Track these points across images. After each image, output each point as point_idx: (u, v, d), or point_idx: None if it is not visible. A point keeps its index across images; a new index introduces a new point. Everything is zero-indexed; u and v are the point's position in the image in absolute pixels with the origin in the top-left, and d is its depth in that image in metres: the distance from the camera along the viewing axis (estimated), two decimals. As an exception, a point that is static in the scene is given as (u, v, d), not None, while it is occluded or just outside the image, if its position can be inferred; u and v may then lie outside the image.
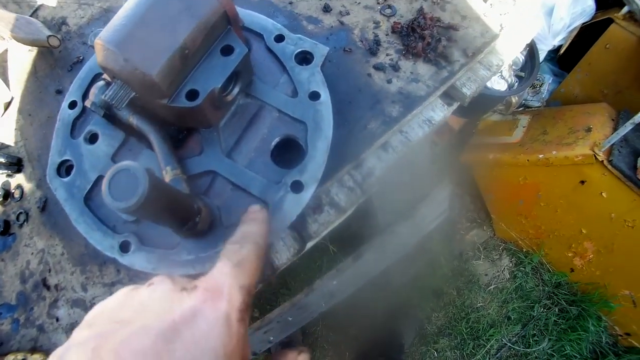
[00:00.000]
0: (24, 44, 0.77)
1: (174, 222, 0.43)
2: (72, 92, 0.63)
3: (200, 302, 0.26)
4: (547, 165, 1.40)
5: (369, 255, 1.28)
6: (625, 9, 1.33)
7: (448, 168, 1.66)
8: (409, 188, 1.18)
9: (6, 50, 0.84)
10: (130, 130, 0.57)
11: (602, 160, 1.24)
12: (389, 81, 0.67)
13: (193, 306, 0.26)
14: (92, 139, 0.59)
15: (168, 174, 0.50)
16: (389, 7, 0.74)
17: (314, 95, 0.58)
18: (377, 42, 0.70)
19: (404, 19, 0.73)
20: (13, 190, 0.73)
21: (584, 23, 1.46)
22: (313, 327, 1.64)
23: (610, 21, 1.36)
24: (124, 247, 0.52)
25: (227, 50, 0.51)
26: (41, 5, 0.87)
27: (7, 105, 0.79)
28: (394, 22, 0.72)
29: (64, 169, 0.59)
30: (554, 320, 1.53)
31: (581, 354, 1.47)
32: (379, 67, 0.68)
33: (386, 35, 0.71)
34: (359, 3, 0.75)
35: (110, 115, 0.55)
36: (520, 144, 1.54)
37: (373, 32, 0.71)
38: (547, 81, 1.65)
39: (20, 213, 0.71)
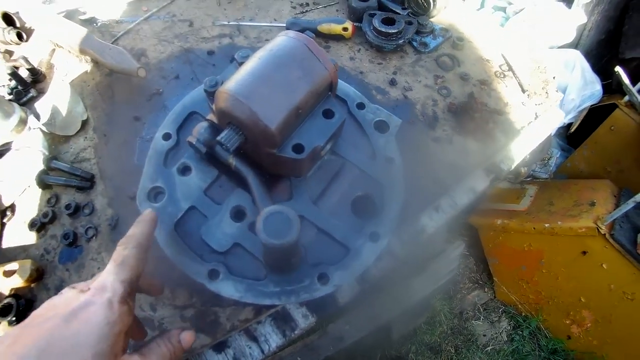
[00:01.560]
0: (112, 70, 0.90)
1: (289, 260, 0.56)
2: (167, 125, 0.75)
3: (90, 296, 0.41)
4: (552, 235, 1.58)
5: (382, 304, 1.40)
6: (627, 97, 1.58)
7: (461, 228, 1.82)
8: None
9: (86, 72, 0.97)
10: (225, 169, 0.70)
11: (605, 234, 1.43)
12: (444, 153, 0.84)
13: (86, 300, 0.41)
14: (185, 171, 0.71)
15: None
16: (445, 88, 0.92)
17: (390, 160, 0.73)
18: (436, 118, 0.87)
19: (457, 100, 0.91)
20: (83, 205, 0.82)
21: (592, 105, 1.72)
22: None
23: (615, 106, 1.61)
24: (213, 275, 0.63)
25: (329, 114, 0.66)
26: (122, 36, 1.01)
27: (84, 124, 0.90)
28: (450, 102, 0.89)
29: (154, 194, 0.70)
30: (549, 387, 1.66)
31: None
32: (437, 140, 0.85)
33: (443, 112, 0.89)
34: (420, 81, 0.93)
35: (208, 153, 0.68)
36: (527, 212, 1.73)
37: (432, 109, 0.89)
38: (555, 155, 1.89)
39: (89, 228, 0.80)
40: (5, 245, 0.82)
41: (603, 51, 1.76)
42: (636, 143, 1.58)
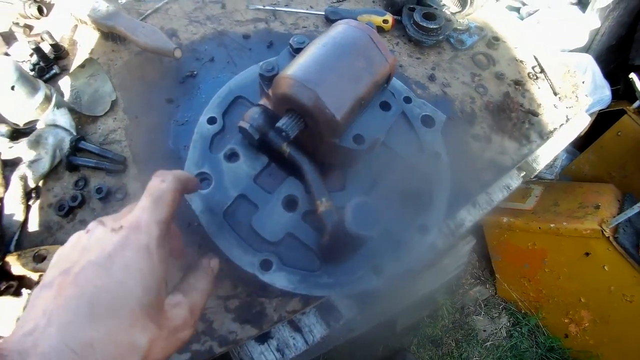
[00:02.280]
0: (145, 49, 0.88)
1: (355, 250, 0.56)
2: (212, 109, 0.74)
3: (124, 238, 0.37)
4: (556, 235, 1.64)
5: (392, 296, 1.42)
6: (636, 104, 1.64)
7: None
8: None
9: (113, 51, 0.93)
10: (275, 157, 0.69)
11: (609, 237, 1.48)
12: (483, 150, 0.85)
13: (120, 241, 0.37)
14: (233, 157, 0.70)
15: (323, 205, 0.63)
16: (482, 86, 0.93)
17: (437, 155, 0.74)
18: (474, 115, 0.88)
19: (494, 98, 0.92)
20: (115, 189, 0.80)
21: (600, 109, 1.77)
22: (316, 358, 1.71)
23: (623, 112, 1.67)
24: (265, 265, 0.62)
25: (386, 106, 0.66)
26: (150, 14, 0.98)
27: (113, 104, 0.87)
28: (487, 100, 0.91)
29: (199, 180, 0.68)
30: (546, 383, 1.73)
31: (566, 419, 1.66)
32: (476, 138, 0.86)
33: (480, 110, 0.90)
34: (458, 78, 0.93)
35: (259, 140, 0.67)
36: (533, 212, 1.77)
37: (470, 106, 0.90)
38: (561, 157, 1.94)
39: (122, 213, 0.78)
40: (30, 229, 0.78)
41: (612, 57, 1.81)
42: (641, 150, 1.64)
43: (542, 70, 0.99)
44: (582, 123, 1.00)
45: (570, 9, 1.75)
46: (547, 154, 0.93)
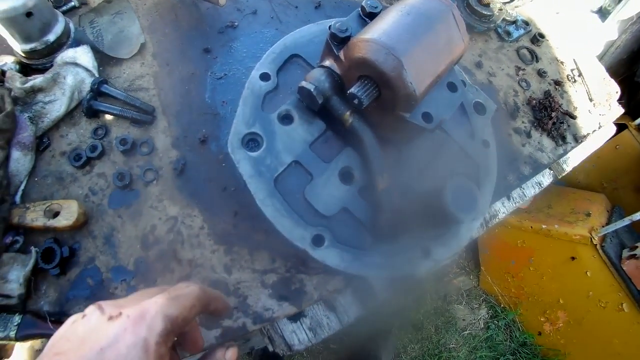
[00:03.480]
0: (185, -8, 0.79)
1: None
2: (264, 64, 0.68)
3: (122, 329, 0.33)
4: (546, 236, 1.69)
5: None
6: (638, 120, 1.69)
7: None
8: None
9: (142, -13, 0.85)
10: (332, 125, 0.65)
11: (596, 244, 1.55)
12: (523, 145, 0.85)
13: (116, 333, 0.33)
14: (287, 119, 0.65)
15: (384, 181, 0.60)
16: (525, 81, 0.92)
17: (486, 143, 0.72)
18: (517, 109, 0.87)
19: (536, 95, 0.91)
20: (141, 142, 0.73)
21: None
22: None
23: (625, 126, 1.72)
24: (318, 241, 0.59)
25: (452, 87, 0.63)
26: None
27: (141, 47, 0.79)
28: (530, 96, 0.90)
29: (248, 141, 0.62)
30: (514, 375, 1.82)
31: (530, 412, 1.77)
32: (517, 131, 0.85)
33: (522, 104, 0.89)
34: (503, 69, 0.92)
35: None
36: (527, 211, 1.82)
37: (513, 99, 0.88)
38: (557, 161, 2.00)
39: (148, 170, 0.71)
40: (39, 179, 0.70)
41: (621, 70, 1.85)
42: (636, 166, 1.70)
43: (580, 74, 0.99)
44: (609, 132, 1.02)
45: (591, 16, 1.76)
46: (576, 158, 0.94)
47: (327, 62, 0.62)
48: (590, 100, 0.97)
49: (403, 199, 0.60)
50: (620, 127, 1.73)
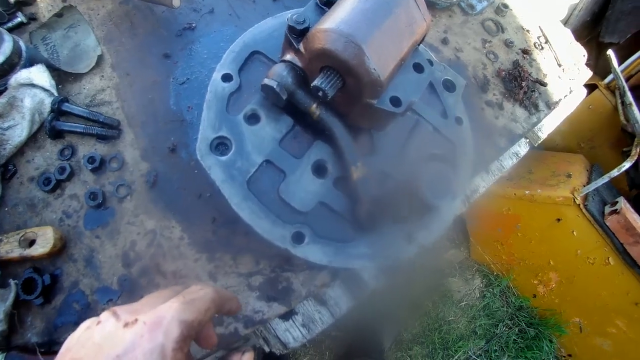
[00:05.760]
0: (137, -1, 0.75)
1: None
2: (225, 65, 0.65)
3: (138, 336, 0.33)
4: (530, 201, 1.70)
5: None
6: (607, 79, 1.70)
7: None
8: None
9: (95, -2, 0.80)
10: (299, 119, 0.62)
11: (579, 204, 1.55)
12: (497, 117, 0.83)
13: (132, 340, 0.33)
14: (253, 119, 0.62)
15: (359, 170, 0.58)
16: (492, 53, 0.90)
17: (459, 120, 0.70)
18: (487, 82, 0.85)
19: (504, 66, 0.89)
20: (110, 158, 0.70)
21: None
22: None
23: (595, 86, 1.72)
24: (298, 238, 0.57)
25: (419, 68, 0.61)
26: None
27: (99, 60, 0.75)
28: (499, 68, 0.88)
29: (216, 145, 0.60)
30: (514, 339, 1.84)
31: (533, 370, 1.79)
32: (489, 104, 0.83)
33: (492, 77, 0.87)
34: (469, 44, 0.89)
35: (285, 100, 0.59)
36: (509, 178, 1.82)
37: (482, 72, 0.86)
38: (534, 127, 2.00)
39: (121, 185, 0.68)
40: (10, 208, 0.66)
41: (585, 32, 1.84)
42: (610, 124, 1.71)
43: (547, 41, 0.97)
44: (580, 95, 1.01)
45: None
46: (550, 124, 0.93)
47: (288, 56, 0.59)
48: (559, 65, 0.96)
49: (380, 187, 0.58)
50: (591, 87, 1.74)
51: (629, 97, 1.49)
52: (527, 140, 0.91)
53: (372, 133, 0.64)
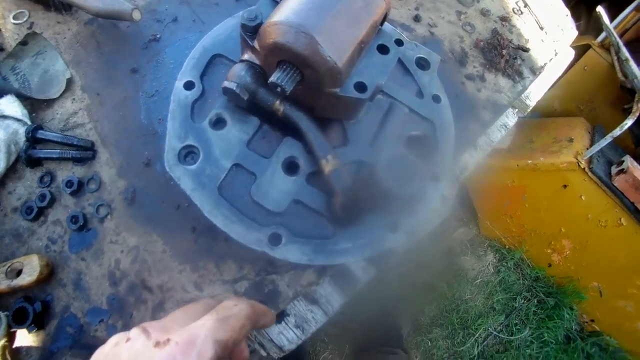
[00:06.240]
0: (98, 15, 0.73)
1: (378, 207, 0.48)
2: (186, 72, 0.62)
3: (170, 357, 0.30)
4: (534, 170, 1.63)
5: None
6: (600, 37, 1.60)
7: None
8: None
9: (57, 22, 0.77)
10: (266, 118, 0.59)
11: (584, 168, 1.48)
12: (479, 90, 0.78)
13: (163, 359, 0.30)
14: (220, 123, 0.59)
15: (330, 163, 0.54)
16: (469, 24, 0.84)
17: (437, 98, 0.66)
18: (465, 55, 0.80)
19: (482, 36, 0.83)
20: (87, 179, 0.68)
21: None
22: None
23: (588, 47, 1.63)
24: (274, 240, 0.53)
25: (383, 49, 0.56)
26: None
27: (68, 83, 0.73)
28: (476, 39, 0.82)
29: (185, 155, 0.57)
30: (534, 310, 1.78)
31: (557, 340, 1.73)
32: (469, 77, 0.78)
33: (470, 49, 0.82)
34: (443, 18, 0.84)
35: (247, 101, 0.56)
36: (509, 150, 1.75)
37: (460, 46, 0.81)
38: (531, 95, 1.91)
39: (101, 205, 0.66)
40: None
41: (573, -7, 1.75)
42: (607, 83, 1.62)
43: (526, 5, 0.91)
44: (567, 57, 0.94)
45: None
46: (538, 90, 0.87)
47: (247, 55, 0.56)
48: (541, 28, 0.90)
49: (355, 178, 0.54)
50: (585, 48, 1.64)
51: (625, 52, 1.40)
52: (516, 109, 0.85)
53: (344, 123, 0.60)
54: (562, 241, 1.68)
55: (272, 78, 0.49)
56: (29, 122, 0.70)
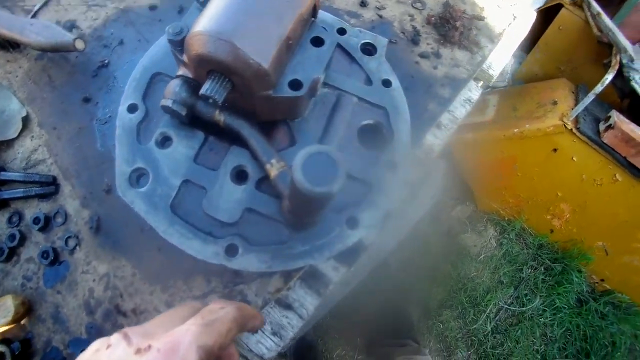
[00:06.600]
0: (43, 50, 0.72)
1: (323, 209, 0.45)
2: (129, 95, 0.60)
3: None
4: (521, 139, 1.58)
5: (379, 239, 1.35)
6: (571, -4, 1.54)
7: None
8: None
9: (7, 61, 0.76)
10: (211, 129, 0.57)
11: (571, 129, 1.43)
12: (435, 67, 0.74)
13: None
14: (166, 142, 0.57)
15: (274, 167, 0.52)
16: (419, 1, 0.81)
17: (387, 83, 0.63)
18: (417, 33, 0.77)
19: (434, 11, 0.80)
20: (53, 214, 0.67)
21: (538, 8, 1.66)
22: (321, 319, 1.67)
23: (560, 6, 1.57)
24: (231, 251, 0.52)
25: (318, 41, 0.53)
26: (40, 10, 0.80)
27: (25, 122, 0.72)
28: (428, 14, 0.79)
29: (136, 178, 0.56)
30: (542, 278, 1.74)
31: (569, 304, 1.69)
32: (424, 55, 0.75)
33: (422, 26, 0.78)
34: (392, -3, 0.80)
35: (189, 115, 0.54)
36: (494, 121, 1.71)
37: (411, 25, 0.78)
38: (510, 62, 1.85)
39: (69, 237, 0.65)
40: None
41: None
42: (585, 40, 1.56)
43: (477, -29, 0.87)
44: (529, 19, 0.90)
45: None
46: (501, 58, 0.83)
47: (181, 70, 0.54)
48: (496, -7, 0.86)
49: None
50: (557, 8, 1.58)
51: (595, 7, 1.35)
52: (480, 82, 0.82)
53: (289, 123, 0.57)
54: (561, 205, 1.63)
55: (202, 90, 0.47)
56: (-10, 166, 0.69)
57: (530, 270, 1.77)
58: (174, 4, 0.78)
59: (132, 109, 0.59)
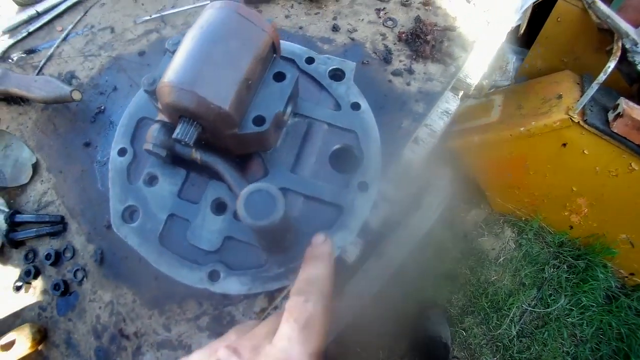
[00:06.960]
0: (46, 102, 0.81)
1: (285, 236, 0.50)
2: (118, 140, 0.68)
3: None
4: (529, 136, 1.57)
5: (388, 251, 1.38)
6: (566, -15, 1.53)
7: (440, 155, 1.79)
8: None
9: (19, 113, 0.87)
10: (192, 166, 0.63)
11: (578, 121, 1.41)
12: (408, 84, 0.78)
13: None
14: (152, 180, 0.64)
15: (249, 198, 0.57)
16: (390, 19, 0.85)
17: (356, 106, 0.67)
18: (389, 52, 0.81)
19: (406, 27, 0.84)
20: (63, 250, 0.75)
21: (534, 2, 1.66)
22: (341, 334, 1.69)
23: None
24: (214, 276, 0.57)
25: (280, 76, 0.59)
26: (45, 64, 0.90)
27: (35, 168, 0.81)
28: (399, 32, 0.83)
29: (128, 215, 0.63)
30: (565, 277, 1.69)
31: (596, 302, 1.64)
32: (396, 73, 0.79)
33: (394, 44, 0.82)
34: (363, 20, 0.85)
35: (170, 155, 0.61)
36: (500, 121, 1.70)
37: (382, 44, 0.82)
38: (512, 60, 1.84)
39: (77, 270, 0.74)
40: None
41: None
42: (585, 28, 1.54)
43: (449, -18, 0.90)
44: (506, 23, 0.92)
45: None
46: (478, 65, 0.86)
47: (159, 116, 0.61)
48: (469, 1, 0.89)
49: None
50: (553, 1, 1.58)
51: (589, -6, 1.33)
52: (460, 92, 0.85)
53: (261, 155, 0.63)
54: (577, 200, 1.60)
55: (174, 135, 0.53)
56: (6, 209, 0.79)
57: (552, 269, 1.73)
58: (160, 48, 0.86)
59: (121, 152, 0.67)
